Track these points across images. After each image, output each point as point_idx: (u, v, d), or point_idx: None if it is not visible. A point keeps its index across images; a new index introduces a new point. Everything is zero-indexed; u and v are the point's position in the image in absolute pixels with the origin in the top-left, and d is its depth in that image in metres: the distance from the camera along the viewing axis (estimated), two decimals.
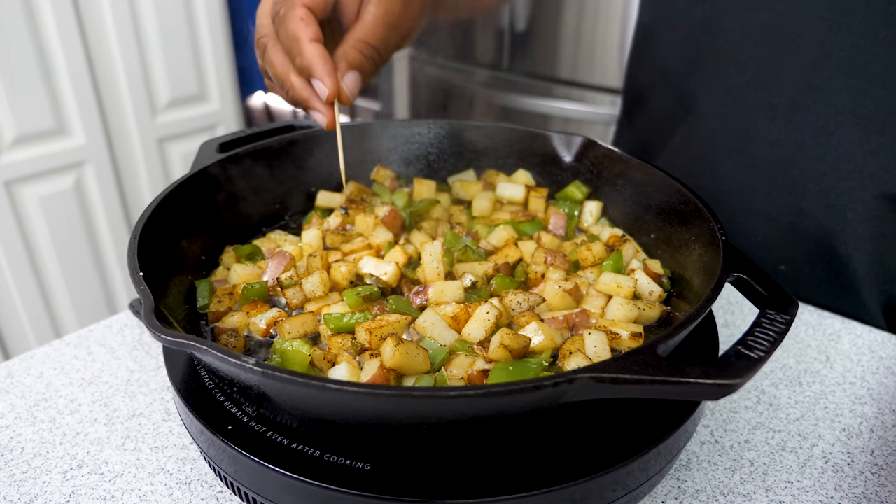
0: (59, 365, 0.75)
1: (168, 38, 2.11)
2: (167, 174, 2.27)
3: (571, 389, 0.42)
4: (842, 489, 0.61)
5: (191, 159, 2.31)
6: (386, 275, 0.64)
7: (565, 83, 2.78)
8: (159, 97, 2.16)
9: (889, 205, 0.80)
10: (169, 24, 2.09)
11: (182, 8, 2.12)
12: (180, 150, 2.28)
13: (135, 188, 2.20)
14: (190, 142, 2.29)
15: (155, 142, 2.19)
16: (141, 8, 2.02)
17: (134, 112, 2.10)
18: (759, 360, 0.44)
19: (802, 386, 0.73)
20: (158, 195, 0.64)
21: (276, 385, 0.43)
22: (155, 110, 2.17)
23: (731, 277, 0.53)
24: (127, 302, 2.26)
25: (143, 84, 2.09)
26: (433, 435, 0.47)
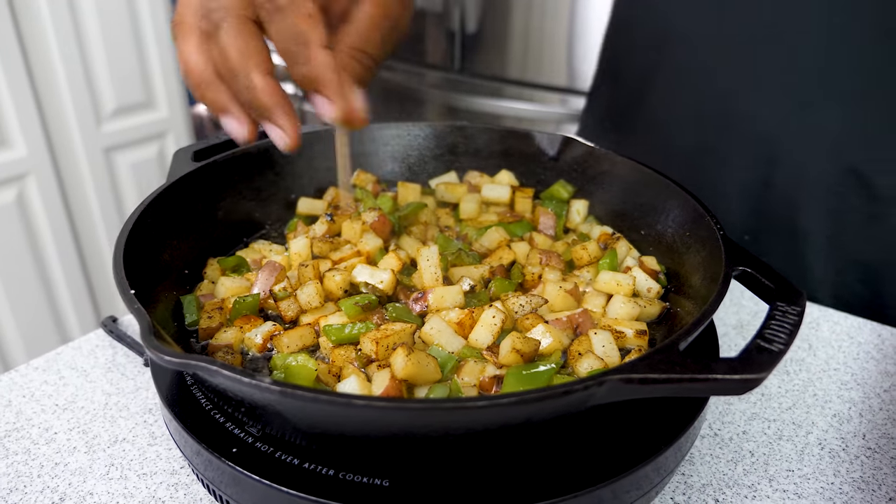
0: (27, 391, 0.70)
1: (112, 43, 2.02)
2: (115, 185, 2.18)
3: (600, 392, 0.42)
4: (840, 475, 0.62)
5: (140, 169, 2.23)
6: (382, 283, 0.62)
7: (515, 83, 2.80)
8: (104, 105, 2.07)
9: (854, 180, 0.83)
10: (112, 29, 2.01)
11: (126, 12, 2.04)
12: (128, 160, 2.19)
13: (81, 201, 2.11)
14: (138, 151, 2.21)
15: (101, 151, 2.10)
16: (82, 14, 1.94)
17: (78, 121, 2.01)
18: (779, 352, 0.44)
19: (790, 374, 0.75)
20: (137, 207, 0.61)
21: (296, 404, 0.41)
22: (100, 119, 2.08)
23: (737, 272, 0.54)
24: (77, 324, 2.16)
25: (87, 92, 2.00)
26: (454, 446, 0.45)
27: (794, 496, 0.60)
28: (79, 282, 2.13)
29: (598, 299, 0.62)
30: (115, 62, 2.05)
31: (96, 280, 2.22)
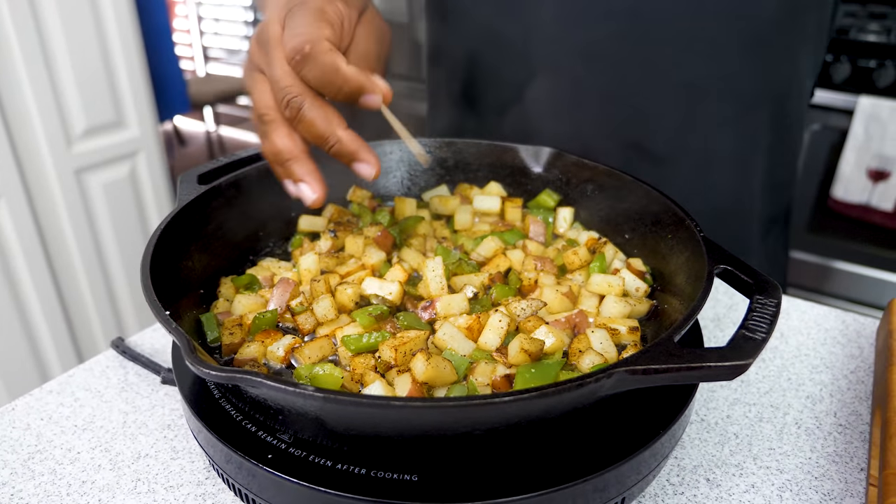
0: (45, 414, 0.72)
1: (79, 63, 2.02)
2: (87, 207, 2.17)
3: (609, 383, 0.46)
4: (816, 450, 0.68)
5: (113, 189, 2.22)
6: (391, 294, 0.66)
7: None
8: (74, 126, 2.06)
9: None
10: (80, 49, 2.01)
11: (93, 31, 2.03)
12: (101, 181, 2.19)
13: (54, 224, 2.09)
14: (110, 171, 2.20)
15: (72, 173, 2.09)
16: (49, 35, 1.93)
17: (48, 143, 2.00)
18: (762, 340, 0.49)
19: (766, 361, 0.81)
20: (154, 232, 0.64)
21: (338, 408, 0.45)
22: (70, 140, 2.07)
23: (718, 269, 0.59)
24: (56, 356, 2.15)
25: (56, 113, 1.99)
26: (476, 440, 0.49)
27: (776, 472, 0.66)
28: (54, 307, 2.11)
29: (591, 300, 0.68)
30: (83, 82, 2.04)
31: (72, 305, 2.20)
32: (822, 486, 0.64)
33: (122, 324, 2.36)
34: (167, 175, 2.39)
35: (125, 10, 2.09)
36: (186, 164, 4.90)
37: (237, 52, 5.06)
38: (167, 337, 0.85)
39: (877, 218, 2.38)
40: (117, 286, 2.31)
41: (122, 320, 2.36)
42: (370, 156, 0.64)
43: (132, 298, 2.35)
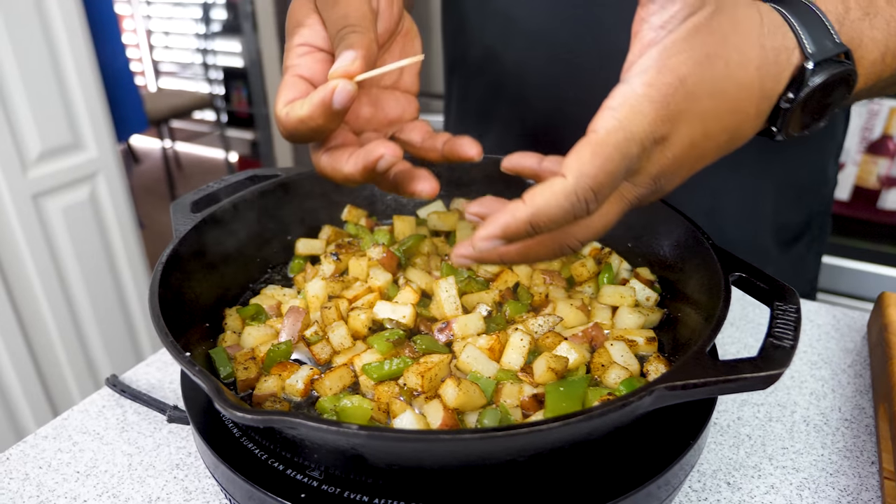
0: (42, 462, 0.69)
1: (31, 84, 1.94)
2: (46, 233, 2.08)
3: (649, 400, 0.46)
4: (827, 446, 0.70)
5: (72, 213, 2.14)
6: (405, 317, 0.65)
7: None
8: (29, 150, 1.98)
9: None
10: (31, 69, 1.93)
11: (44, 50, 1.96)
12: (59, 205, 2.10)
13: (11, 251, 2.00)
14: (69, 194, 2.12)
15: (29, 198, 2.01)
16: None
17: (1, 168, 1.91)
18: (791, 347, 0.50)
19: None
20: (157, 268, 0.61)
21: (384, 444, 0.44)
22: (25, 164, 1.98)
23: (734, 277, 0.60)
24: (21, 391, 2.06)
25: (10, 137, 1.91)
26: (516, 468, 0.49)
27: (792, 471, 0.67)
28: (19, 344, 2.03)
29: (604, 312, 0.68)
30: (36, 103, 1.96)
31: (36, 339, 2.11)
32: (837, 483, 0.65)
33: (90, 353, 2.28)
34: (128, 196, 2.31)
35: (77, 26, 2.02)
36: (144, 182, 4.77)
37: (189, 66, 4.96)
38: (162, 371, 0.83)
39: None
40: (83, 316, 2.23)
41: (89, 347, 2.28)
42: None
43: (98, 324, 2.27)
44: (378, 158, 0.54)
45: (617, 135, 0.45)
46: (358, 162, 0.56)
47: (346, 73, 0.53)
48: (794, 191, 0.98)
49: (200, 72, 4.68)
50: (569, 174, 0.44)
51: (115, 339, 2.34)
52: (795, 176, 0.97)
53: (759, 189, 0.95)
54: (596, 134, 0.45)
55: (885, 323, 0.78)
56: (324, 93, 0.52)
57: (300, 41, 0.60)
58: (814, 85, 0.50)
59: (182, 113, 4.08)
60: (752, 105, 0.50)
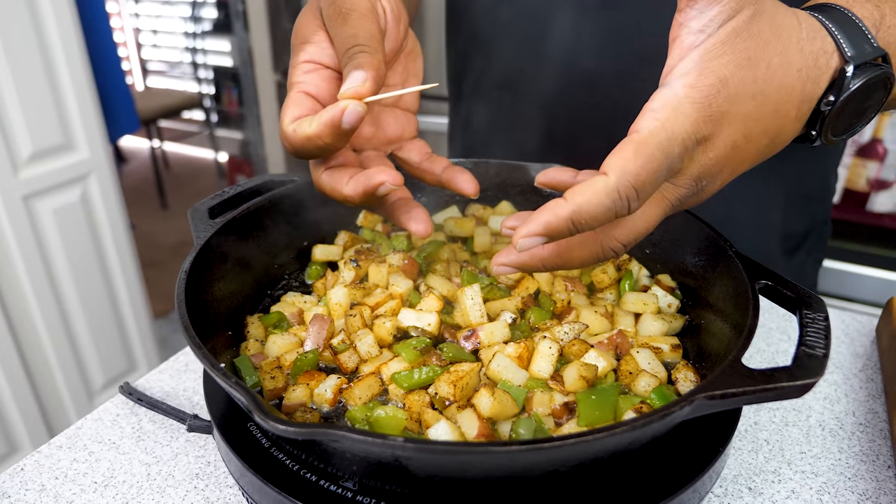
0: (59, 472, 0.68)
1: (23, 84, 1.91)
2: (38, 235, 2.05)
3: (688, 409, 0.47)
4: (844, 450, 0.71)
5: (63, 215, 2.11)
6: (430, 325, 0.65)
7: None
8: (20, 150, 1.96)
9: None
10: (23, 69, 1.90)
11: (36, 50, 1.93)
12: (50, 206, 2.08)
13: (2, 253, 1.97)
14: (61, 196, 2.10)
15: (20, 200, 1.98)
16: None
17: None
18: (824, 356, 0.51)
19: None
20: (181, 276, 0.61)
21: (431, 457, 0.44)
22: (16, 165, 1.96)
23: (760, 285, 0.60)
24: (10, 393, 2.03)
25: (0, 137, 1.88)
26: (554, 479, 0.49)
27: (811, 475, 0.67)
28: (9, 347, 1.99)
29: (627, 319, 0.68)
30: (28, 104, 1.93)
31: (25, 341, 2.08)
32: (856, 487, 0.66)
33: (81, 355, 2.25)
34: (120, 197, 2.29)
35: (69, 26, 1.99)
36: (132, 183, 4.71)
37: (178, 65, 4.91)
38: (176, 379, 0.82)
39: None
40: (74, 319, 2.20)
41: (80, 350, 2.25)
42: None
43: (89, 327, 2.24)
44: (378, 185, 0.56)
45: (659, 135, 0.45)
46: (358, 186, 0.57)
47: (356, 94, 0.54)
48: (800, 200, 0.99)
49: (190, 71, 4.64)
50: (611, 172, 0.45)
51: (106, 342, 2.31)
52: (803, 185, 0.98)
53: (769, 198, 0.96)
54: (638, 134, 0.46)
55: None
56: (333, 112, 0.52)
57: (306, 58, 0.60)
58: (854, 88, 0.51)
59: (171, 112, 4.04)
60: (793, 107, 0.50)
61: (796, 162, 0.95)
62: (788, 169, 0.95)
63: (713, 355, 0.63)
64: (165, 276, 3.68)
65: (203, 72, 4.53)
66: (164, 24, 4.73)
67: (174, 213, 4.37)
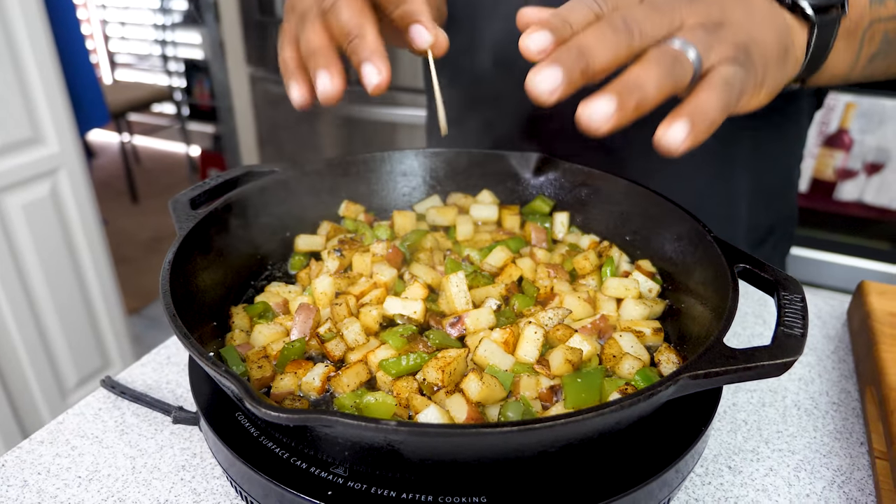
0: (41, 467, 0.67)
1: None
2: (7, 230, 2.01)
3: (673, 389, 0.48)
4: (818, 428, 0.73)
5: (33, 211, 2.06)
6: (416, 313, 0.65)
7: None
8: None
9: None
10: None
11: (2, 41, 1.88)
12: (19, 202, 2.03)
13: None
14: (30, 191, 2.05)
15: None
16: None
17: None
18: (802, 335, 0.52)
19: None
20: (165, 267, 0.60)
21: (423, 440, 0.44)
22: None
23: (738, 269, 0.62)
24: None
25: None
26: (542, 459, 0.50)
27: (788, 453, 0.69)
28: None
29: (609, 304, 0.69)
30: None
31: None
32: (831, 463, 0.68)
33: (53, 352, 2.21)
34: (91, 192, 2.25)
35: (36, 17, 1.95)
36: (101, 178, 4.62)
37: (147, 58, 4.82)
38: (158, 372, 0.81)
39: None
40: (45, 316, 2.15)
41: (52, 347, 2.21)
42: (382, 64, 0.59)
43: (61, 324, 2.20)
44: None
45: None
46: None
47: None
48: (765, 194, 1.04)
49: (159, 64, 4.56)
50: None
51: (78, 339, 2.27)
52: (768, 179, 1.02)
53: (737, 191, 1.00)
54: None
55: (868, 311, 0.81)
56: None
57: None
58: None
59: (140, 106, 3.97)
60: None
61: (763, 156, 0.98)
62: (756, 162, 0.98)
63: (693, 338, 0.64)
64: (138, 272, 3.63)
65: (173, 64, 4.45)
66: (132, 16, 4.63)
67: (145, 209, 4.30)
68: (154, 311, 3.36)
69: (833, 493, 0.65)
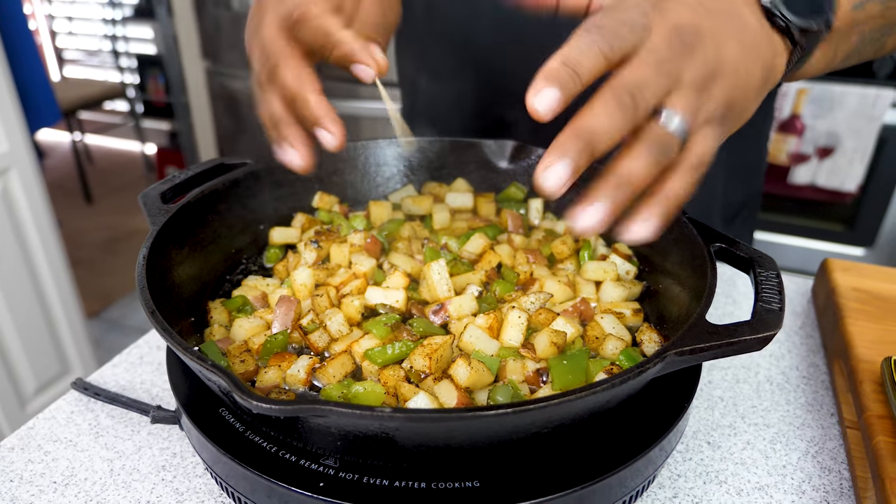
0: (13, 474, 0.65)
1: None
2: None
3: (661, 366, 0.49)
4: (791, 402, 0.75)
5: None
6: (398, 302, 0.65)
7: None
8: None
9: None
10: None
11: None
12: None
13: None
14: None
15: None
16: None
17: None
18: (780, 309, 0.54)
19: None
20: (140, 262, 0.58)
21: (419, 426, 0.44)
22: None
23: (714, 248, 0.63)
24: None
25: None
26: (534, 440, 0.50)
27: (763, 427, 0.71)
28: None
29: (588, 287, 0.70)
30: None
31: None
32: (804, 435, 0.70)
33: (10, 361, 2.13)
34: (45, 193, 2.17)
35: None
36: (53, 179, 4.47)
37: (97, 54, 4.66)
38: (131, 373, 0.79)
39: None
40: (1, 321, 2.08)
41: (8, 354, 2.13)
42: (334, 126, 0.61)
43: (17, 330, 2.12)
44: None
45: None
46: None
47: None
48: (741, 170, 1.05)
49: (110, 59, 4.42)
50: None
51: (36, 345, 2.20)
52: (745, 155, 1.04)
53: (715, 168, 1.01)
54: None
55: (833, 287, 0.84)
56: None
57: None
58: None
59: (91, 103, 3.85)
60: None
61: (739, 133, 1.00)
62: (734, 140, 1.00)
63: (672, 318, 0.65)
64: (95, 274, 3.53)
65: (125, 60, 4.32)
66: (79, 11, 4.47)
67: (100, 210, 4.18)
68: (113, 313, 3.27)
69: (808, 462, 0.67)
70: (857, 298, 0.81)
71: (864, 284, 0.84)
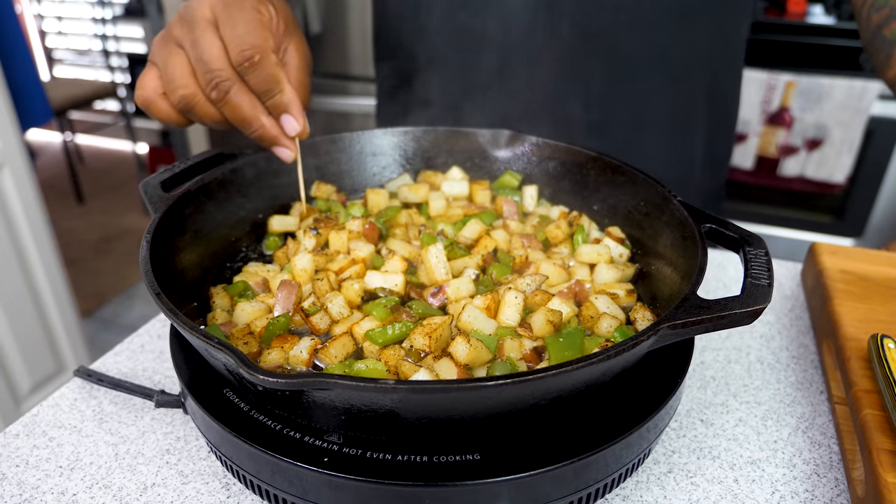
0: (19, 460, 0.66)
1: None
2: None
3: (654, 339, 0.50)
4: (781, 381, 0.77)
5: None
6: (397, 285, 0.66)
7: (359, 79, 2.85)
8: None
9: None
10: None
11: None
12: None
13: None
14: None
15: None
16: None
17: None
18: (769, 284, 0.55)
19: None
20: (143, 247, 0.59)
21: (423, 397, 0.45)
22: None
23: (705, 229, 0.65)
24: None
25: None
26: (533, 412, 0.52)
27: (755, 405, 0.73)
28: None
29: (582, 270, 0.72)
30: None
31: None
32: (795, 412, 0.72)
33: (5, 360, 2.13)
34: (38, 192, 2.17)
35: None
36: (45, 178, 4.45)
37: (87, 53, 4.64)
38: (133, 360, 0.80)
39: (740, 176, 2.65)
40: None
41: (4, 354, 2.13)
42: (287, 141, 0.72)
43: (12, 330, 2.12)
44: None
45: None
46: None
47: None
48: (711, 161, 1.12)
49: (100, 59, 4.40)
50: None
51: (30, 344, 2.20)
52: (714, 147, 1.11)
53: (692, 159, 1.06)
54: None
55: (821, 269, 0.86)
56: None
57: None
58: None
59: (82, 103, 3.84)
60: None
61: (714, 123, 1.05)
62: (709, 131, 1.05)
63: (664, 298, 0.67)
64: (87, 273, 3.52)
65: (116, 59, 4.31)
66: (69, 10, 4.45)
67: (92, 209, 4.17)
68: (106, 312, 3.26)
69: (798, 437, 0.69)
70: (844, 280, 0.83)
71: (851, 266, 0.86)
